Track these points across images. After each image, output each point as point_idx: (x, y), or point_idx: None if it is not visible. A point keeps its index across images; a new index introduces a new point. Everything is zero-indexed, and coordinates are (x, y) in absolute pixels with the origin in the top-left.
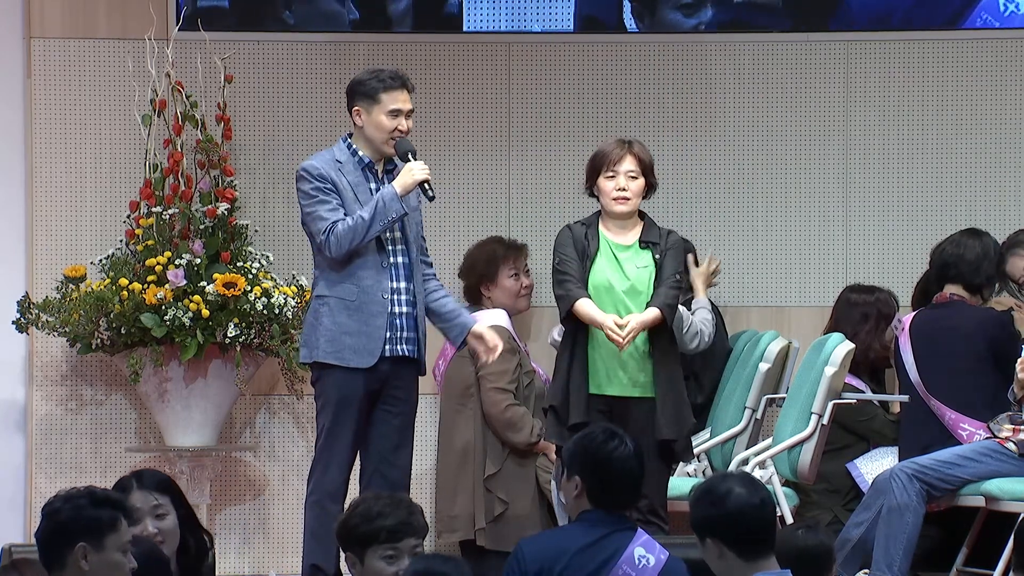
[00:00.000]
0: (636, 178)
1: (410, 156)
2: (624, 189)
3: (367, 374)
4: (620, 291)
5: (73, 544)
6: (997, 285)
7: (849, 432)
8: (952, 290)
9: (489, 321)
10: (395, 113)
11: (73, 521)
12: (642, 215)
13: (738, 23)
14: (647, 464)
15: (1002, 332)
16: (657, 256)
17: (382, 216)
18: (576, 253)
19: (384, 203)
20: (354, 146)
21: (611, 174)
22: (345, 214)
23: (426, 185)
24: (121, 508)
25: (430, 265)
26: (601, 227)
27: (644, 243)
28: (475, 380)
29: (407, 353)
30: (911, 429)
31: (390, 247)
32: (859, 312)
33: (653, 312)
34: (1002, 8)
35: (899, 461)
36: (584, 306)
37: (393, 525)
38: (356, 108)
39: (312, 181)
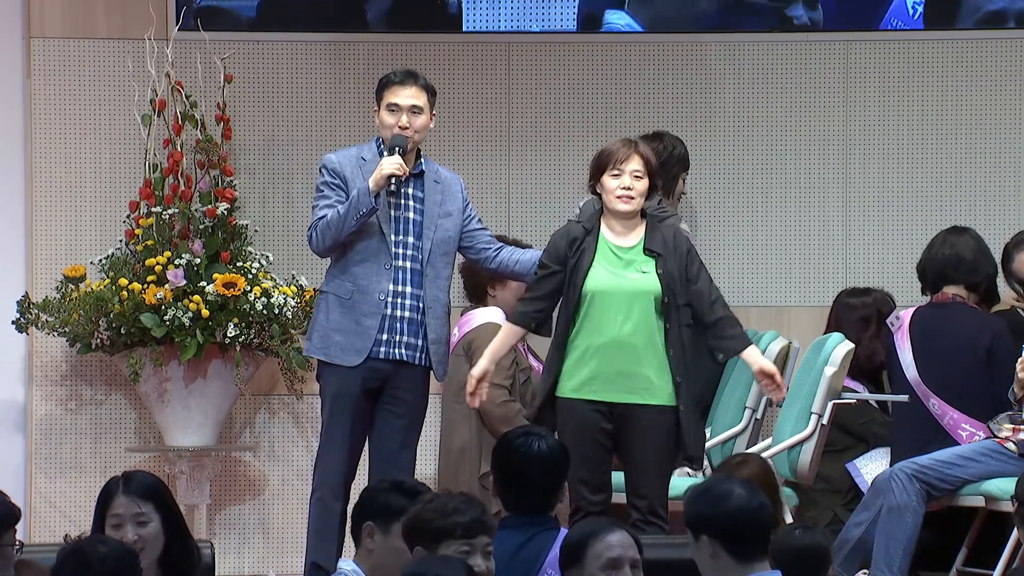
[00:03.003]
0: (641, 178)
1: (397, 151)
2: (629, 188)
3: (364, 371)
4: (622, 295)
5: (364, 522)
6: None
7: (848, 434)
8: (953, 291)
9: (486, 318)
10: (393, 108)
11: (369, 501)
12: (643, 214)
13: (735, 23)
14: (650, 464)
15: (1002, 338)
16: (661, 271)
17: (355, 211)
18: (558, 258)
19: (357, 197)
20: (383, 147)
21: (616, 172)
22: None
23: (392, 179)
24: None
25: (489, 238)
26: (603, 228)
27: (648, 251)
28: None
29: (405, 358)
30: (905, 428)
31: (397, 250)
32: (858, 315)
33: (752, 349)
34: (911, 11)
35: (892, 461)
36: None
37: (468, 522)
38: (375, 108)
39: (323, 175)
